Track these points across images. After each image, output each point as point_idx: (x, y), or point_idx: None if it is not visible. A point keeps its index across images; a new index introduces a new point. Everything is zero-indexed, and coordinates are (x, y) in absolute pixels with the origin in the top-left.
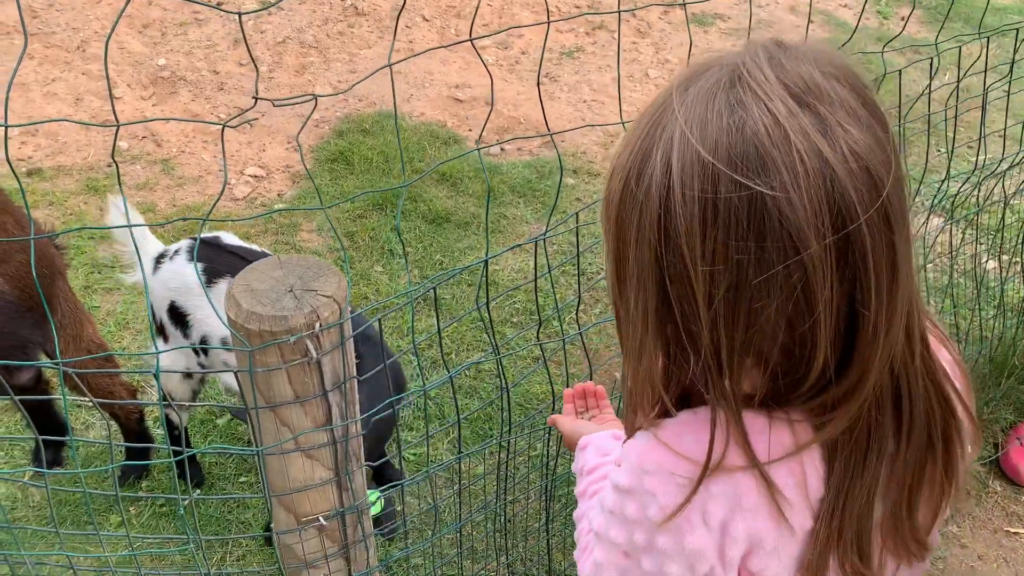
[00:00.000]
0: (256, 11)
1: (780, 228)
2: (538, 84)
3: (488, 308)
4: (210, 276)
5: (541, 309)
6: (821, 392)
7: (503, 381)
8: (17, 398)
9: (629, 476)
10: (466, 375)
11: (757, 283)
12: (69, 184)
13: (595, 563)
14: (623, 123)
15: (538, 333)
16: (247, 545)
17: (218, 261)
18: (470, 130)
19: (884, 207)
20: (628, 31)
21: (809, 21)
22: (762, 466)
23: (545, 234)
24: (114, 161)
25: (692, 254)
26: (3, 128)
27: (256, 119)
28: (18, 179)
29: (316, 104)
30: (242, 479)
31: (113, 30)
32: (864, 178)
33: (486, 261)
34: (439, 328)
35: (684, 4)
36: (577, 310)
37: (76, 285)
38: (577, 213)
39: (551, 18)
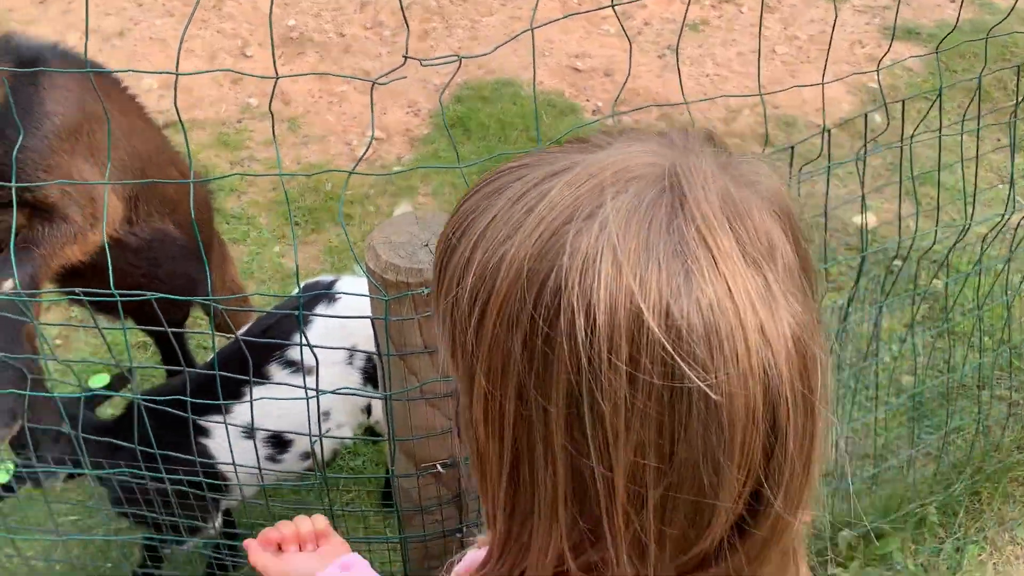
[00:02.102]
0: None
1: (717, 418)
2: (676, 56)
3: None
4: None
5: None
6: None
7: None
8: (171, 331)
9: None
10: None
11: (686, 474)
12: (202, 137)
13: None
14: (760, 94)
15: None
16: (356, 490)
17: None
18: (587, 100)
19: (811, 386)
20: (756, 5)
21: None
22: None
23: None
24: (271, 112)
25: (615, 433)
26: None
27: (404, 78)
28: (184, 132)
29: (460, 65)
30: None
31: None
32: (799, 364)
33: None
34: None
35: None
36: None
37: None
38: None
39: None
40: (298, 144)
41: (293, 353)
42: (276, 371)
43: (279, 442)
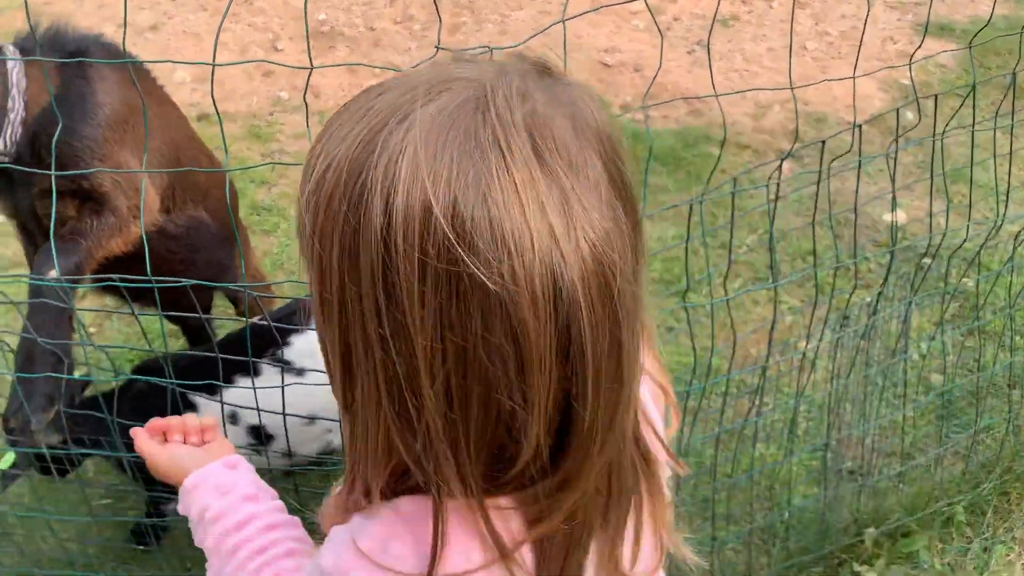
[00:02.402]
0: None
1: (501, 311)
2: (708, 51)
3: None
4: None
5: (678, 279)
6: (532, 483)
7: None
8: (204, 316)
9: None
10: None
11: (479, 366)
12: (233, 129)
13: None
14: (791, 87)
15: (685, 295)
16: None
17: None
18: (616, 95)
19: (614, 304)
20: (787, 0)
21: None
22: (509, 555)
23: (702, 197)
24: (305, 103)
25: (413, 319)
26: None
27: None
28: (220, 123)
29: (491, 56)
30: None
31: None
32: (595, 270)
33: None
34: None
35: None
36: (726, 279)
37: None
38: (735, 179)
39: None
40: None
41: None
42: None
43: (259, 436)
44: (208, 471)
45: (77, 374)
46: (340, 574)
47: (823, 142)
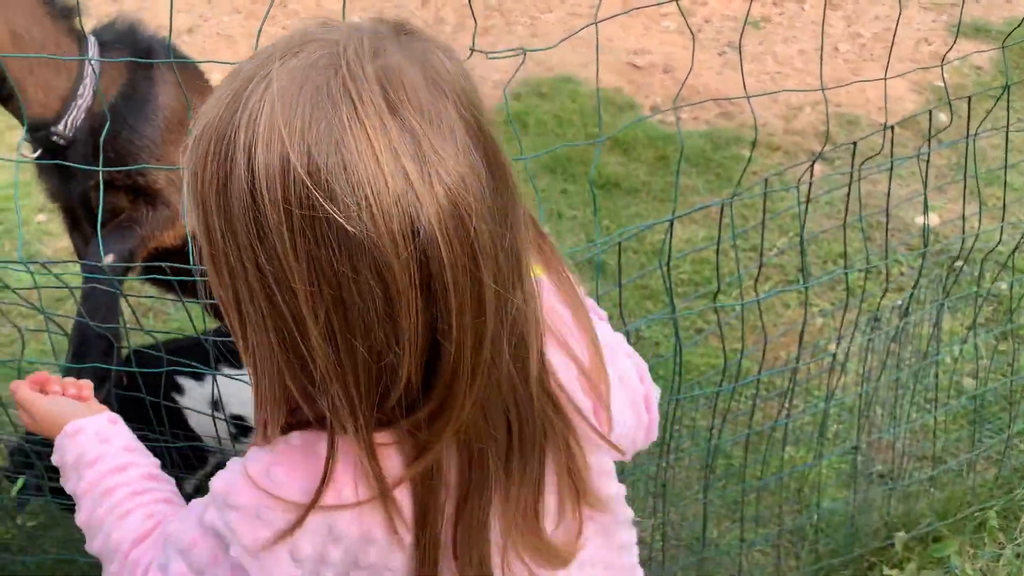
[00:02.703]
0: None
1: (365, 253)
2: (739, 53)
3: (669, 270)
4: None
5: (708, 281)
6: (405, 416)
7: (677, 341)
8: None
9: (211, 510)
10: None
11: (354, 305)
12: None
13: None
14: (823, 88)
15: (715, 297)
16: None
17: None
18: (646, 96)
19: (471, 243)
20: (818, 2)
21: None
22: (390, 493)
23: (733, 198)
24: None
25: (288, 266)
26: None
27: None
28: None
29: (524, 59)
30: None
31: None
32: (451, 211)
33: (671, 221)
34: (620, 286)
35: None
36: (756, 281)
37: None
38: (766, 180)
39: None
40: None
41: None
42: None
43: (243, 429)
44: (91, 421)
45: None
46: (225, 495)
47: (854, 144)
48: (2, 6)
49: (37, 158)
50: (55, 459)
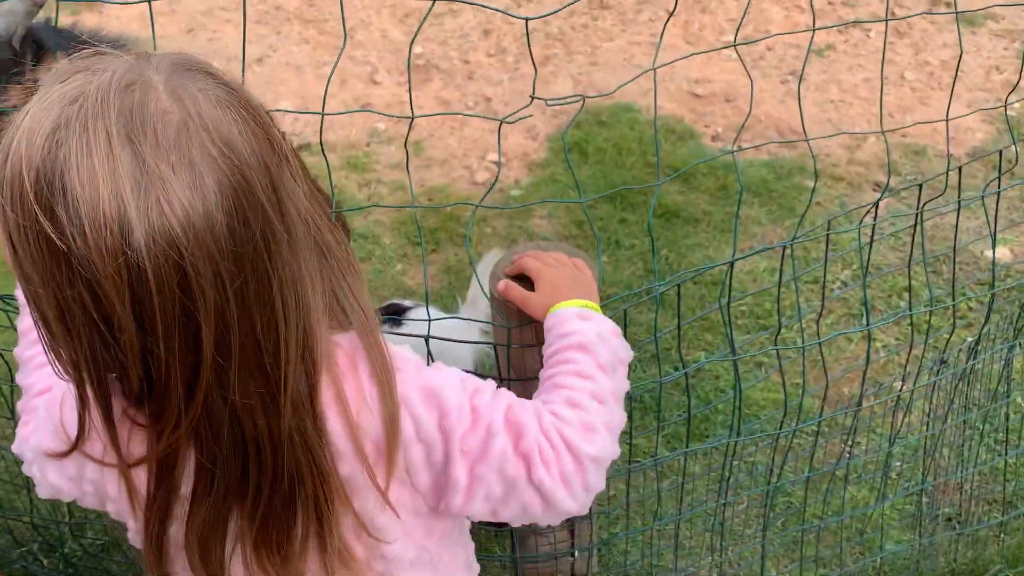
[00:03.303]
0: (543, 15)
1: (77, 266)
2: (799, 87)
3: (728, 308)
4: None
5: (768, 314)
6: (138, 407)
7: (738, 383)
8: None
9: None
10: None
11: (74, 309)
12: (332, 160)
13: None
14: (882, 132)
15: (776, 338)
16: None
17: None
18: (707, 126)
19: (184, 275)
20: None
21: None
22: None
23: (793, 240)
24: (406, 150)
25: (19, 264)
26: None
27: (530, 116)
28: (326, 160)
29: (583, 105)
30: None
31: None
32: (165, 240)
33: (731, 263)
34: (679, 325)
35: (956, 13)
36: (820, 318)
37: None
38: (829, 221)
39: (807, 19)
40: (421, 167)
41: None
42: None
43: None
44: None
45: None
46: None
47: (920, 186)
48: None
49: None
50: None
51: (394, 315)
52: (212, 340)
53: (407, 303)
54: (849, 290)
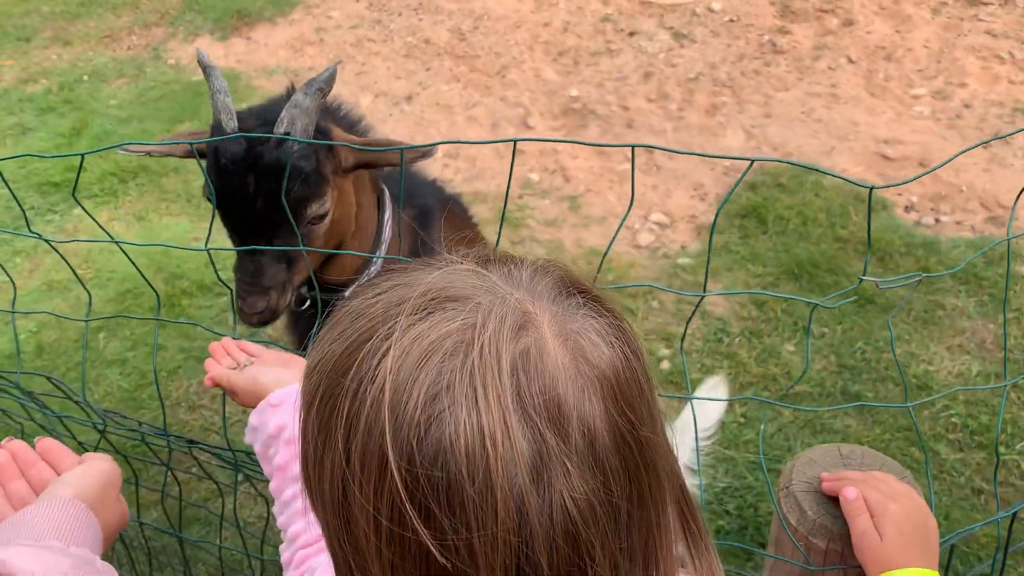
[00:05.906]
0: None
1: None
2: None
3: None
4: None
5: (986, 428)
6: None
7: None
8: None
9: None
10: None
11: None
12: (483, 211)
13: None
14: None
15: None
16: None
17: None
18: (899, 194)
19: (581, 560)
20: None
21: None
22: None
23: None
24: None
25: (367, 555)
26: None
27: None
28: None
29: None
30: None
31: None
32: (564, 544)
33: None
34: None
35: None
36: None
37: None
38: None
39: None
40: (578, 225)
41: None
42: None
43: None
44: (292, 390)
45: None
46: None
47: None
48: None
49: (302, 311)
50: (253, 421)
51: None
52: None
53: None
54: None
